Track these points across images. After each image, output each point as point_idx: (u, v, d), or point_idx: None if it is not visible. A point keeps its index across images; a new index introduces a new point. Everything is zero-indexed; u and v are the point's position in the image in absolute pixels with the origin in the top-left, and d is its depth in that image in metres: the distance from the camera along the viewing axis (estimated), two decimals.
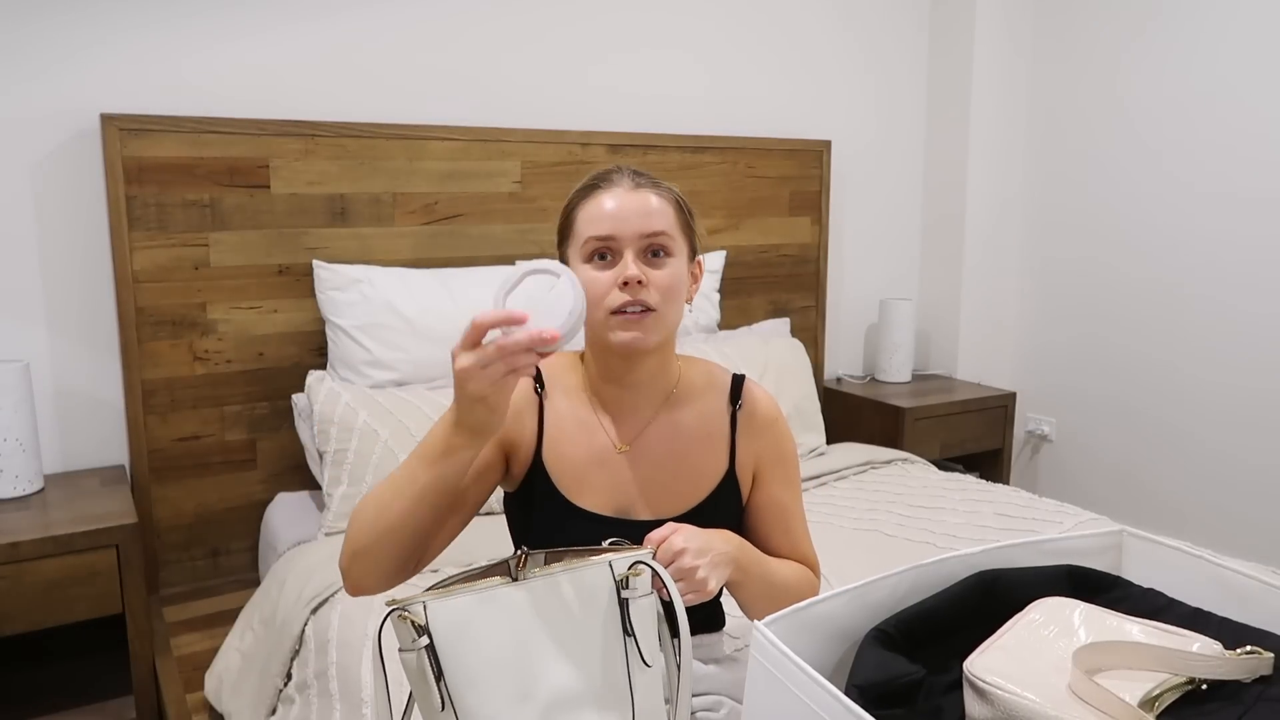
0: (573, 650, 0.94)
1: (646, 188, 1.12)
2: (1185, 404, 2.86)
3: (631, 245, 1.09)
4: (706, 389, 1.22)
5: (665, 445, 1.18)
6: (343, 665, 1.51)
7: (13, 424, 1.84)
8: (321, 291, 2.16)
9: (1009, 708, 0.75)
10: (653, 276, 1.09)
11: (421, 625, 0.91)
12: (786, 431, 1.24)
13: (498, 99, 2.48)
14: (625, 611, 0.95)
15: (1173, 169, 2.83)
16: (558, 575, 0.95)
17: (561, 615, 0.94)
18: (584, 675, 0.94)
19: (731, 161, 2.80)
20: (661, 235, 1.10)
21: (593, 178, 1.15)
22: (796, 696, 0.75)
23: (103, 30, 2.01)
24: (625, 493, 1.16)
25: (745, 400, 1.21)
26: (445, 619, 0.91)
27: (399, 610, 0.91)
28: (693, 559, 1.00)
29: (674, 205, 1.13)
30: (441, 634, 0.91)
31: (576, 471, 1.16)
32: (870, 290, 3.28)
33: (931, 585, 0.91)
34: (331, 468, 1.97)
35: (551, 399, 1.19)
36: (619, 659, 0.95)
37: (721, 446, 1.20)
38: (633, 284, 1.07)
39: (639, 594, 0.96)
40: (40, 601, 1.71)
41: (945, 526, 2.05)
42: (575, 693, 0.94)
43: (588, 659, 0.95)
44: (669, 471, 1.17)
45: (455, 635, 0.91)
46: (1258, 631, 0.84)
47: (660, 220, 1.10)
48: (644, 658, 0.96)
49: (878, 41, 3.15)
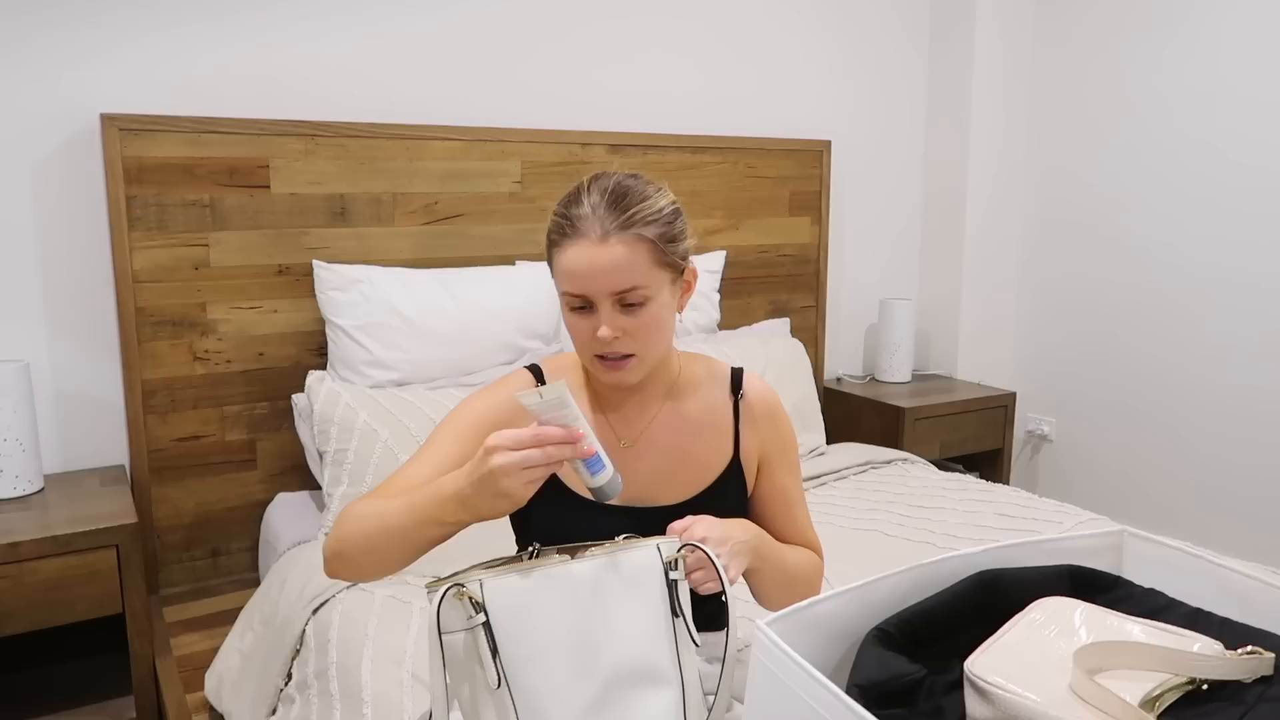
0: (630, 628, 0.97)
1: (614, 235, 1.06)
2: (1186, 404, 2.86)
3: (603, 300, 1.08)
4: (707, 381, 1.24)
5: (670, 436, 1.20)
6: (343, 665, 1.51)
7: (13, 424, 1.84)
8: (321, 291, 2.16)
9: (1010, 707, 0.75)
10: (627, 326, 1.09)
11: (478, 602, 0.92)
12: (786, 419, 1.27)
13: (498, 99, 2.48)
14: (674, 592, 0.99)
15: (1173, 169, 2.83)
16: (614, 554, 0.98)
17: (619, 593, 0.97)
18: (641, 652, 0.96)
19: (731, 161, 2.80)
20: (633, 290, 1.07)
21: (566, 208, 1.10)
22: (798, 696, 0.75)
23: (103, 31, 2.01)
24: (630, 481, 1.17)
25: (747, 391, 1.24)
26: (503, 596, 0.93)
27: (455, 588, 0.91)
28: (715, 547, 1.02)
29: (645, 247, 1.07)
30: (500, 611, 0.93)
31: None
32: (870, 290, 3.28)
33: (932, 585, 0.91)
34: (331, 468, 1.97)
35: None
36: (669, 638, 0.98)
37: (726, 436, 1.22)
38: (608, 339, 1.08)
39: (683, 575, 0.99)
40: (40, 601, 1.71)
41: (945, 526, 2.05)
42: (633, 669, 0.96)
43: (644, 636, 0.97)
44: (674, 460, 1.20)
45: (515, 612, 0.93)
46: (1258, 631, 0.84)
47: (630, 274, 1.06)
48: (693, 637, 0.99)
49: (878, 41, 3.15)
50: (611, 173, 1.14)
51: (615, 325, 1.08)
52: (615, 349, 1.10)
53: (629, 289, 1.07)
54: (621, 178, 1.12)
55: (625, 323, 1.09)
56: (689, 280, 1.17)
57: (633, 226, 1.07)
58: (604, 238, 1.06)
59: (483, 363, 2.24)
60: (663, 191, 1.13)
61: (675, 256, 1.12)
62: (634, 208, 1.08)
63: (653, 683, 0.96)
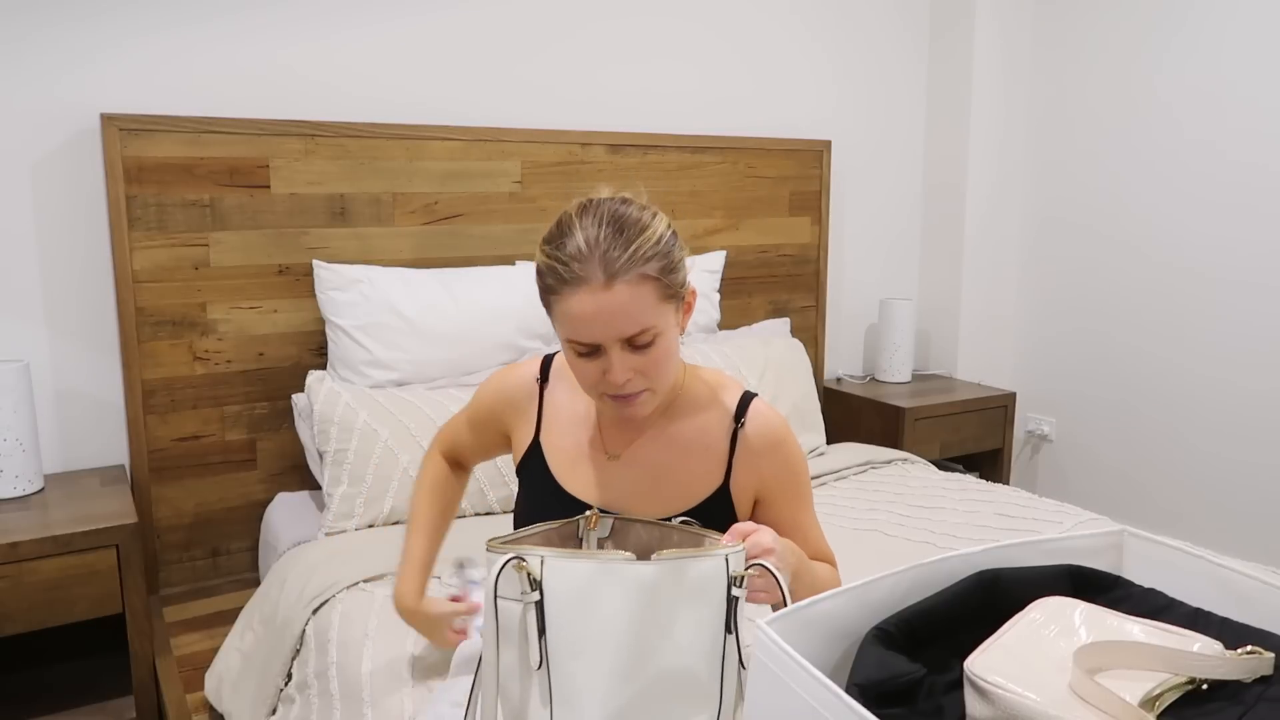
0: (684, 638, 0.94)
1: (618, 279, 1.02)
2: (1186, 404, 2.86)
3: (613, 344, 1.06)
4: (710, 403, 1.21)
5: (656, 455, 1.19)
6: (343, 665, 1.51)
7: (13, 424, 1.84)
8: (322, 291, 2.16)
9: (1010, 707, 0.75)
10: (639, 364, 1.07)
11: (536, 580, 0.91)
12: (795, 450, 1.22)
13: (498, 99, 2.48)
14: (732, 609, 0.95)
15: (1173, 169, 2.83)
16: (682, 561, 0.94)
17: (679, 602, 0.94)
18: (689, 665, 0.94)
19: (731, 161, 2.80)
20: (641, 333, 1.05)
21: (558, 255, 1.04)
22: (798, 695, 0.75)
23: (103, 30, 2.01)
24: (613, 492, 1.19)
25: (749, 420, 1.19)
26: (563, 580, 0.92)
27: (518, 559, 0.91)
28: (777, 561, 0.99)
29: (650, 285, 1.04)
30: (555, 593, 0.91)
31: (569, 462, 1.22)
32: (870, 290, 3.28)
33: (932, 585, 0.91)
34: (331, 468, 1.97)
35: (553, 390, 1.25)
36: (718, 655, 0.95)
37: (717, 461, 1.19)
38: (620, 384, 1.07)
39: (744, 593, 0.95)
40: (40, 601, 1.71)
41: (945, 526, 2.05)
42: (676, 680, 0.93)
43: (695, 649, 0.94)
44: (657, 478, 1.19)
45: (572, 599, 0.92)
46: (1258, 631, 0.84)
47: (638, 318, 1.04)
48: (742, 659, 0.95)
49: (878, 41, 3.15)
50: (600, 200, 1.09)
51: (626, 367, 1.06)
52: (628, 389, 1.08)
53: (638, 332, 1.05)
54: (614, 205, 1.07)
55: (636, 362, 1.07)
56: (689, 301, 1.14)
57: (635, 266, 1.03)
58: (608, 283, 1.02)
59: (483, 363, 2.24)
60: (658, 216, 1.08)
61: (677, 288, 1.09)
62: (634, 242, 1.04)
63: (692, 697, 0.94)
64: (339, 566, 1.75)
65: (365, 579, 1.72)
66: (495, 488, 2.05)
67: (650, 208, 1.10)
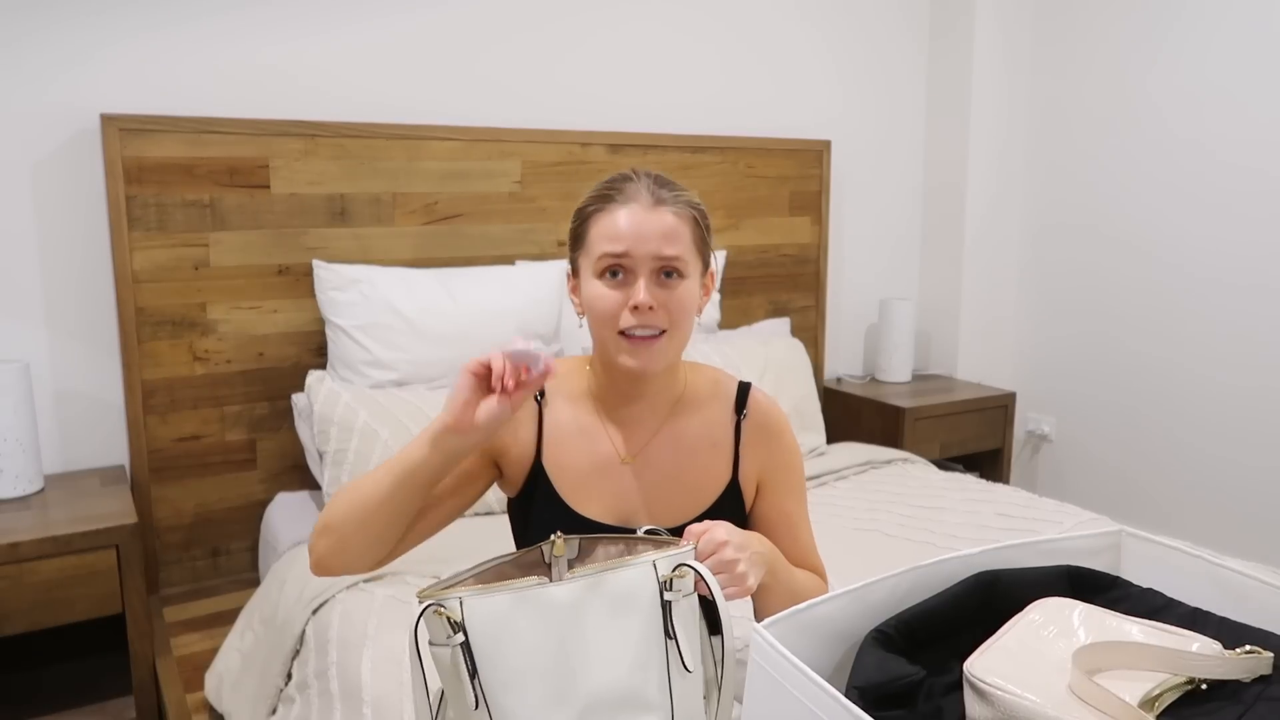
0: (612, 652, 0.92)
1: (665, 205, 1.09)
2: (1185, 404, 2.86)
3: (645, 266, 1.07)
4: (711, 397, 1.21)
5: (670, 456, 1.18)
6: (343, 665, 1.51)
7: (13, 424, 1.84)
8: (321, 291, 2.16)
9: (1009, 708, 0.75)
10: (664, 299, 1.08)
11: (457, 622, 0.89)
12: (792, 441, 1.23)
13: (498, 99, 2.48)
14: (668, 614, 0.94)
15: (1173, 169, 2.83)
16: (600, 574, 0.93)
17: (602, 616, 0.93)
18: (623, 678, 0.92)
19: (731, 161, 2.80)
20: (676, 260, 1.08)
21: (609, 184, 1.12)
22: (796, 698, 0.75)
23: (103, 31, 2.01)
24: (628, 502, 1.16)
25: (750, 410, 1.20)
26: (482, 617, 0.90)
27: (434, 606, 0.90)
28: (734, 552, 0.99)
29: (690, 223, 1.11)
30: (478, 632, 0.90)
31: (579, 479, 1.16)
32: (870, 290, 3.28)
33: (931, 586, 0.91)
34: (331, 468, 1.97)
35: (552, 406, 1.19)
36: (658, 662, 0.93)
37: (725, 456, 1.19)
38: (644, 309, 1.07)
39: (681, 595, 0.94)
40: (40, 601, 1.71)
41: (945, 526, 2.05)
42: (613, 696, 0.92)
43: (627, 661, 0.93)
44: (673, 481, 1.17)
45: (492, 634, 0.90)
46: (1257, 631, 0.84)
47: (676, 243, 1.08)
48: (685, 662, 0.94)
49: (878, 41, 3.15)
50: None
51: (653, 295, 1.07)
52: (650, 321, 1.07)
53: (673, 257, 1.08)
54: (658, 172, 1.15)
55: (662, 295, 1.08)
56: (709, 282, 1.16)
57: (678, 202, 1.10)
58: (655, 204, 1.09)
59: None
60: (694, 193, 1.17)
61: (706, 250, 1.14)
62: (679, 188, 1.12)
63: (636, 709, 0.92)
64: None
65: (365, 579, 1.72)
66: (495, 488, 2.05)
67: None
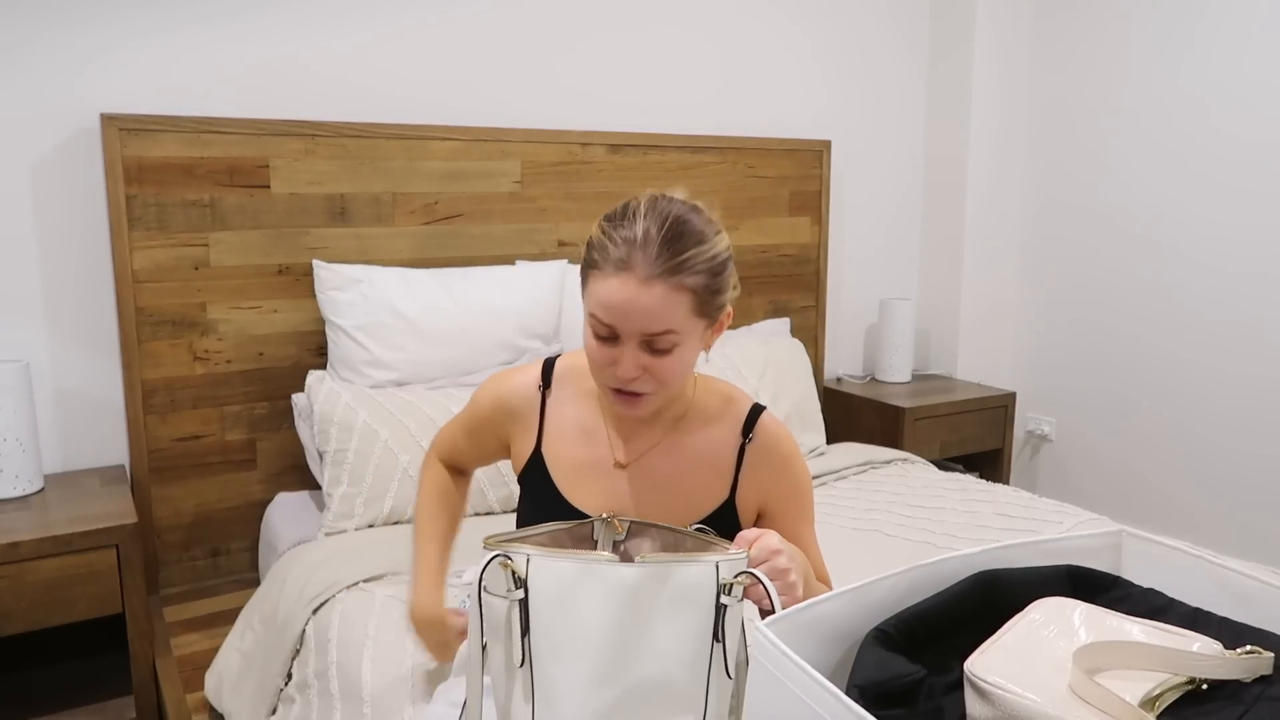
0: (666, 644, 0.92)
1: (661, 280, 1.02)
2: (1185, 404, 2.86)
3: (632, 339, 1.05)
4: (720, 415, 1.20)
5: (666, 468, 1.18)
6: (343, 665, 1.51)
7: (13, 424, 1.84)
8: (321, 291, 2.16)
9: (1010, 708, 0.75)
10: (652, 365, 1.07)
11: (521, 577, 0.90)
12: (801, 467, 1.22)
13: (498, 99, 2.48)
14: (720, 617, 0.93)
15: (1173, 168, 2.83)
16: (669, 565, 0.93)
17: (662, 607, 0.93)
18: (671, 671, 0.92)
19: (731, 161, 2.80)
20: (664, 335, 1.05)
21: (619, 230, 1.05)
22: (797, 696, 0.75)
23: (103, 31, 2.01)
24: (620, 504, 1.17)
25: (757, 434, 1.19)
26: (547, 579, 0.91)
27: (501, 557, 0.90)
28: (787, 561, 0.98)
29: (689, 296, 1.04)
30: (540, 593, 0.90)
31: (574, 472, 1.18)
32: (870, 290, 3.28)
33: (931, 585, 0.91)
34: (331, 468, 1.97)
35: (556, 398, 1.21)
36: (703, 662, 0.93)
37: (724, 476, 1.19)
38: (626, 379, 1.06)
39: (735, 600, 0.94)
40: (40, 601, 1.71)
41: (945, 526, 2.05)
42: (657, 687, 0.92)
43: (678, 656, 0.92)
44: (666, 493, 1.18)
45: (553, 599, 0.91)
46: (1258, 631, 0.84)
47: (667, 319, 1.04)
48: (728, 668, 0.94)
49: (877, 41, 3.15)
50: (673, 199, 1.08)
51: (637, 364, 1.06)
52: (632, 387, 1.08)
53: (661, 333, 1.04)
54: (683, 211, 1.06)
55: (648, 362, 1.06)
56: (722, 322, 1.13)
57: (679, 273, 1.03)
58: (648, 281, 1.02)
59: (482, 363, 2.24)
60: (720, 235, 1.08)
61: (713, 308, 1.08)
62: (688, 252, 1.03)
63: (672, 704, 0.92)
64: (339, 566, 1.75)
65: (365, 579, 1.72)
66: (495, 487, 2.05)
67: (716, 224, 1.09)
